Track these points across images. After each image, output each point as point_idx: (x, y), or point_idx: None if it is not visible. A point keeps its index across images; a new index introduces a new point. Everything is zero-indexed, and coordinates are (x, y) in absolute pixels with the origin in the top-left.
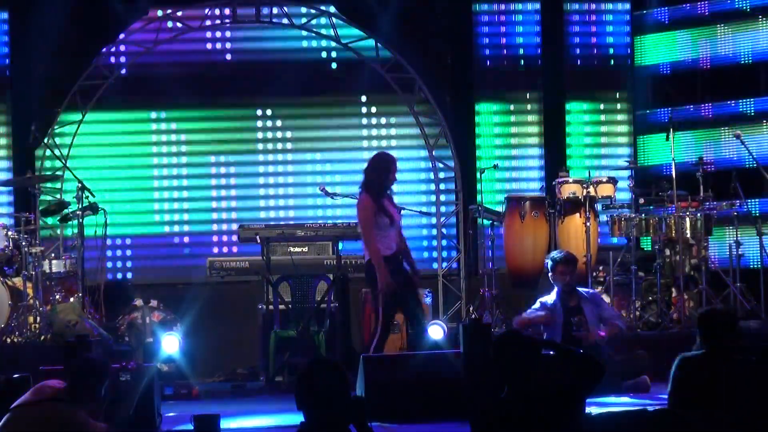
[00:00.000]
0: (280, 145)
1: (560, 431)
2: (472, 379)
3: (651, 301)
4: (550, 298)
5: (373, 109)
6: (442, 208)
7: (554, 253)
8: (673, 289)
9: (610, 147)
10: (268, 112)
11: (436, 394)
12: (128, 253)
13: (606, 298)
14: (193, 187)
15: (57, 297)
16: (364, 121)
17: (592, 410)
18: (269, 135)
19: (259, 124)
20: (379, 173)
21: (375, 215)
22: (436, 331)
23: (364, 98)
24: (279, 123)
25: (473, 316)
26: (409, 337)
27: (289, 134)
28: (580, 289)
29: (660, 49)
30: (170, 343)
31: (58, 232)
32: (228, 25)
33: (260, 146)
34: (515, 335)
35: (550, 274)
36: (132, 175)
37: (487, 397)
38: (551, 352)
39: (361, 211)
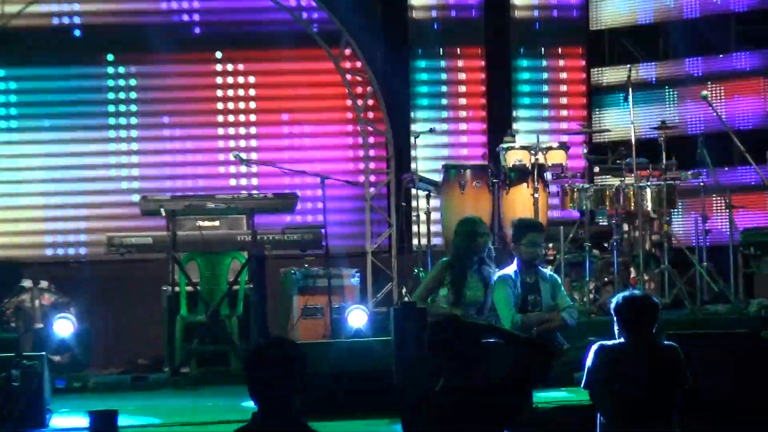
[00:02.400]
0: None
1: (503, 428)
2: (403, 370)
3: (607, 282)
4: (510, 270)
5: (294, 66)
6: (371, 178)
7: (522, 219)
8: (632, 269)
9: (561, 109)
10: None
11: (362, 387)
12: (15, 227)
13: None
14: (90, 153)
15: None
16: (283, 78)
17: (540, 404)
18: None
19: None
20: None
21: None
22: (357, 317)
23: (282, 53)
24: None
25: (405, 298)
26: (332, 323)
27: (197, 93)
28: (540, 268)
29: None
30: (63, 327)
31: None
32: None
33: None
34: (453, 320)
35: (513, 244)
36: (20, 138)
37: (421, 389)
38: (494, 339)
39: None
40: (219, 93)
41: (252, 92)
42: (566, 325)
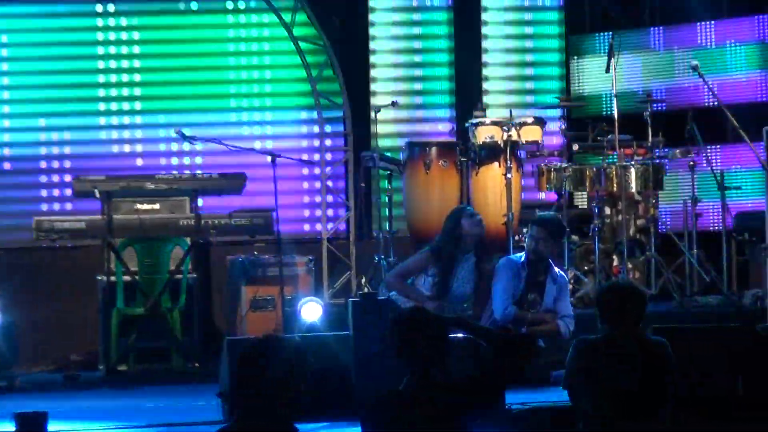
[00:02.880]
0: (125, 77)
1: (473, 430)
2: (362, 368)
3: (587, 271)
4: (517, 257)
5: (240, 33)
6: (328, 156)
7: (545, 214)
8: (615, 257)
9: (537, 80)
10: (111, 21)
11: (317, 386)
12: None
13: None
14: (16, 129)
15: None
16: (229, 47)
17: (513, 405)
18: (111, 49)
19: (99, 36)
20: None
21: None
22: (311, 310)
23: (228, 18)
24: (124, 33)
25: (365, 289)
26: (285, 316)
27: (137, 49)
28: (554, 266)
29: None
30: None
31: None
32: None
33: (100, 78)
34: (419, 312)
35: (528, 236)
36: None
37: (382, 388)
38: (464, 334)
39: None
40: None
41: (196, 62)
42: (560, 334)
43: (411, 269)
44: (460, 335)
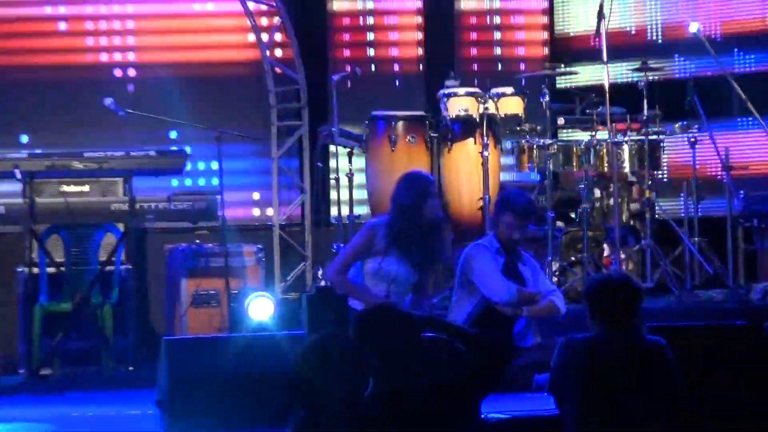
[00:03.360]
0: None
1: None
2: (320, 372)
3: (574, 262)
4: (485, 242)
5: None
6: (280, 131)
7: (517, 198)
8: (606, 246)
9: (517, 46)
10: None
11: (268, 393)
12: None
13: None
14: None
15: None
16: (168, 7)
17: (491, 414)
18: None
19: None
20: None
21: None
22: (261, 306)
23: None
24: None
25: (323, 282)
26: (230, 313)
27: (62, 8)
28: (523, 251)
29: None
30: None
31: None
32: None
33: None
34: (386, 309)
35: (495, 215)
36: None
37: (344, 395)
38: (436, 334)
39: None
40: (88, 25)
41: (129, 24)
42: (558, 309)
43: (351, 256)
44: (431, 335)
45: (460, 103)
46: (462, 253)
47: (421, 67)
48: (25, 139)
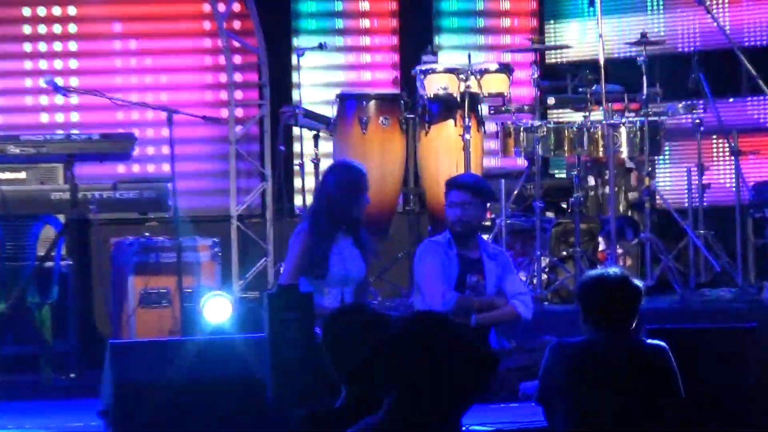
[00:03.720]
0: None
1: None
2: (282, 380)
3: (566, 257)
4: (441, 238)
5: None
6: (238, 112)
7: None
8: (601, 239)
9: (502, 17)
10: None
11: (224, 404)
12: None
13: None
14: None
15: None
16: None
17: (473, 428)
18: None
19: None
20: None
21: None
22: (217, 307)
23: None
24: None
25: None
26: (183, 314)
27: None
28: (486, 241)
29: None
30: None
31: None
32: None
33: None
34: (357, 310)
35: (447, 205)
36: None
37: (311, 406)
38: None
39: None
40: None
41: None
42: (517, 315)
43: (295, 272)
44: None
45: (438, 81)
46: None
47: (395, 40)
48: None
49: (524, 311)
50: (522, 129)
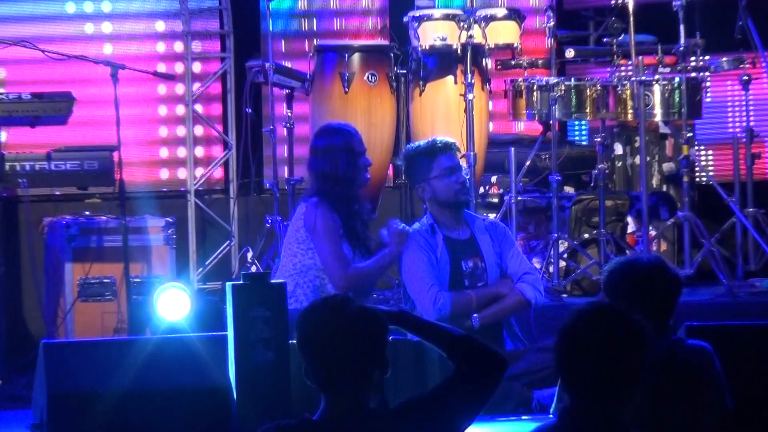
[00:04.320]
0: None
1: None
2: (248, 386)
3: (588, 240)
4: (422, 226)
5: None
6: (196, 67)
7: (427, 140)
8: (630, 220)
9: None
10: None
11: (180, 414)
12: None
13: None
14: None
15: None
16: None
17: None
18: None
19: None
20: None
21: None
22: (172, 301)
23: None
24: None
25: (254, 268)
26: (131, 309)
27: None
28: (472, 213)
29: None
30: None
31: None
32: None
33: None
34: (340, 303)
35: (416, 184)
36: None
37: (282, 419)
38: (409, 335)
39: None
40: None
41: None
42: (527, 302)
43: (339, 245)
44: (399, 336)
45: (435, 30)
46: None
47: None
48: None
49: (533, 294)
50: (535, 87)
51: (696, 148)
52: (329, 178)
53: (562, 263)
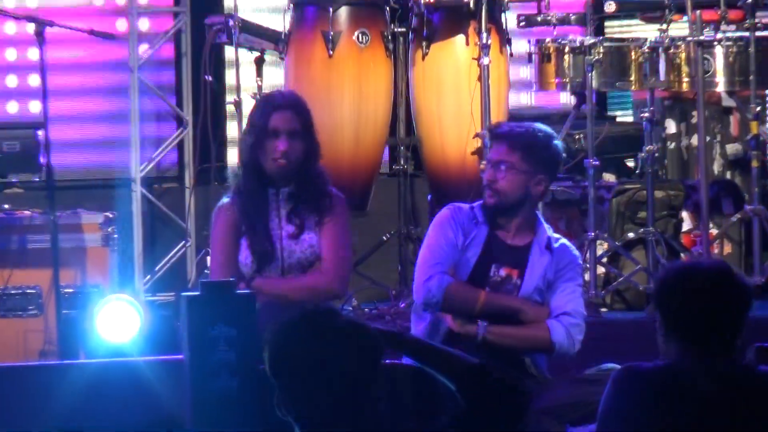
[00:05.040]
0: None
1: None
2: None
3: (634, 240)
4: (469, 208)
5: None
6: (143, 24)
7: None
8: (686, 214)
9: None
10: None
11: None
12: None
13: None
14: None
15: None
16: None
17: None
18: None
19: None
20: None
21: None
22: (117, 317)
23: None
24: None
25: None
26: (61, 327)
27: None
28: (545, 225)
29: None
30: None
31: None
32: None
33: None
34: (323, 317)
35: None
36: None
37: None
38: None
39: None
40: None
41: None
42: (550, 343)
43: (227, 249)
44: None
45: None
46: None
47: None
48: None
49: (562, 339)
50: (567, 50)
51: None
52: (242, 165)
53: (601, 269)
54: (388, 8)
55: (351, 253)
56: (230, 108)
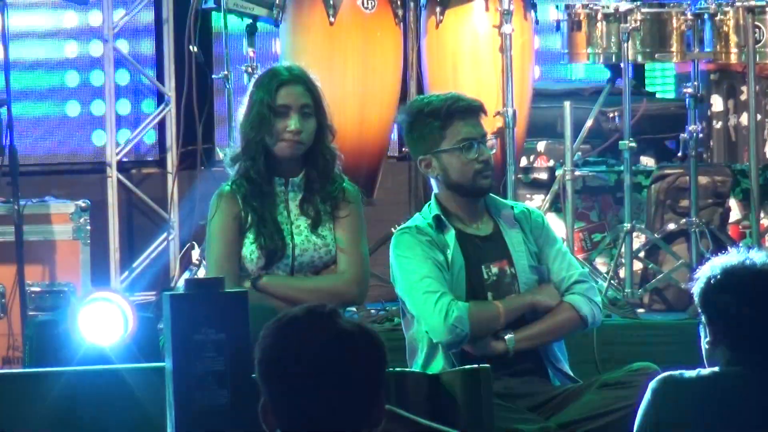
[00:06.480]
0: None
1: None
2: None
3: (674, 232)
4: (423, 222)
5: None
6: None
7: (444, 95)
8: (732, 202)
9: None
10: None
11: None
12: None
13: (558, 225)
14: None
15: None
16: None
17: None
18: None
19: None
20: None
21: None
22: (96, 317)
23: None
24: None
25: (200, 267)
26: (29, 332)
27: None
28: (496, 198)
29: None
30: None
31: None
32: None
33: None
34: (328, 315)
35: (416, 157)
36: None
37: None
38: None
39: None
40: None
41: None
42: (580, 320)
43: (229, 244)
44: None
45: None
46: None
47: None
48: None
49: (589, 312)
50: (600, 16)
51: None
52: (243, 149)
53: (638, 265)
54: None
55: (368, 251)
56: (218, 83)
